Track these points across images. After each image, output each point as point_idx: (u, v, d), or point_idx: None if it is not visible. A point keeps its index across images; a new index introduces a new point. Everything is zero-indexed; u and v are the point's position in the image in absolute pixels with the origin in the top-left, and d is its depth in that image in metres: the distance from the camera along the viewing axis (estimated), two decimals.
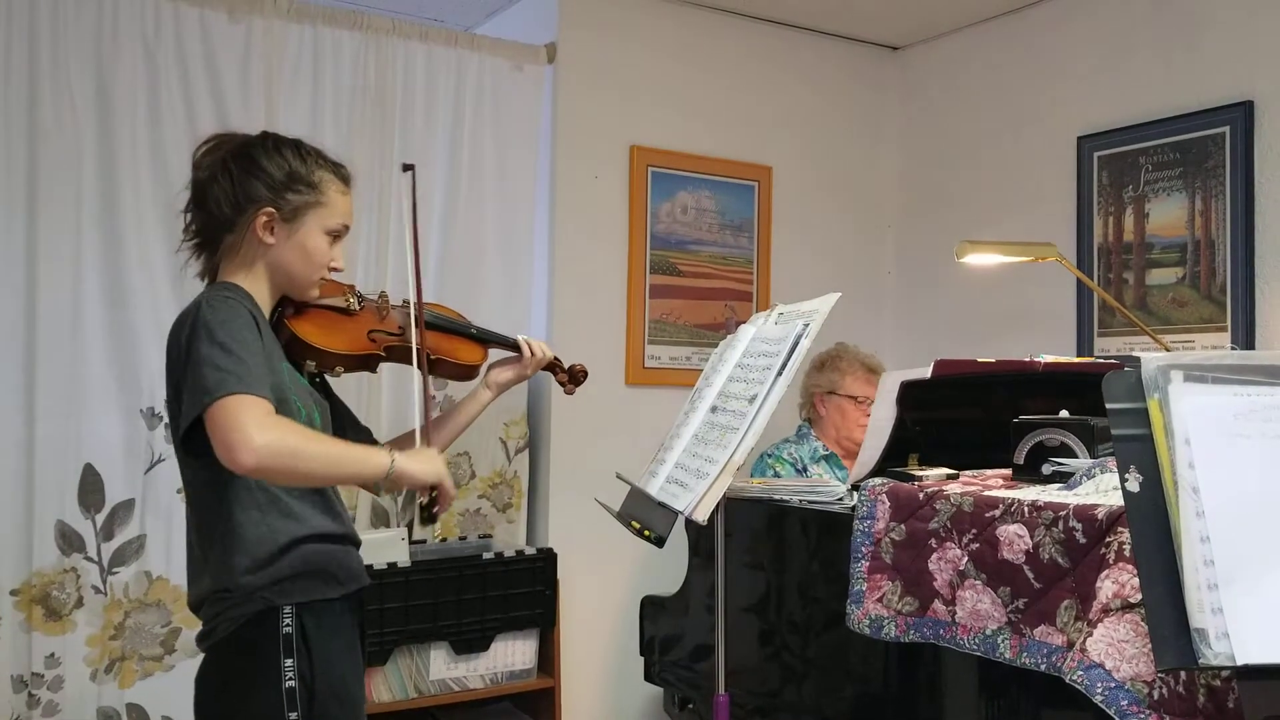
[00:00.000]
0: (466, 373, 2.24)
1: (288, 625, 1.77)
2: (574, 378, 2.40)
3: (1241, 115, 3.19)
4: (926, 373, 2.26)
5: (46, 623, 2.85)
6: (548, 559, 3.37)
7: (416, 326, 2.05)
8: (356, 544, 1.96)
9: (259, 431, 1.62)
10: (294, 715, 1.75)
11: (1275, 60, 3.15)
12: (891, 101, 4.38)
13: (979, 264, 3.26)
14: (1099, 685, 1.50)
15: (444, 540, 3.50)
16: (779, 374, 1.91)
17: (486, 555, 3.27)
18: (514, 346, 2.29)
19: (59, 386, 2.88)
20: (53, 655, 2.86)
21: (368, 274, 3.34)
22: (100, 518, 2.92)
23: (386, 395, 3.34)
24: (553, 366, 2.35)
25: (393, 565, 3.10)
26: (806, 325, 1.94)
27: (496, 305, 3.55)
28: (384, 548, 3.17)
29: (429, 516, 1.94)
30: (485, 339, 2.28)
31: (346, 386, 3.12)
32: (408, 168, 2.13)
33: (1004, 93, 3.95)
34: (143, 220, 2.98)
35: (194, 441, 1.72)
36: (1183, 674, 1.47)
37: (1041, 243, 3.22)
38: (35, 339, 2.86)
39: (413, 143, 3.43)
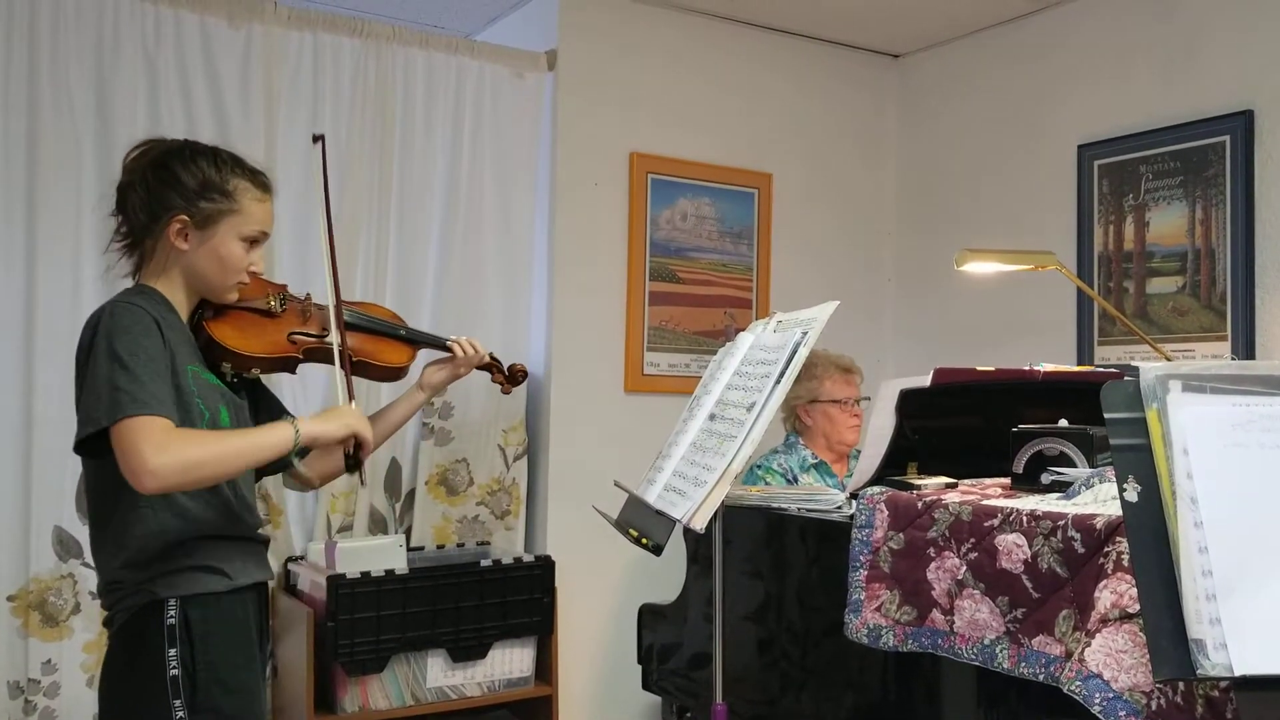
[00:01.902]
0: (391, 374, 2.27)
1: (171, 617, 1.84)
2: (513, 378, 2.43)
3: (1241, 124, 3.19)
4: (925, 381, 2.25)
5: (43, 629, 2.85)
6: (546, 566, 3.36)
7: (336, 324, 2.08)
8: (259, 541, 2.04)
9: (155, 453, 1.71)
10: (178, 702, 1.83)
11: (1275, 70, 3.15)
12: (891, 109, 4.39)
13: (979, 272, 3.25)
14: (1097, 695, 1.49)
15: (442, 547, 3.49)
16: (777, 382, 1.91)
17: (484, 562, 3.27)
18: (444, 347, 2.32)
19: (57, 393, 2.87)
20: (49, 661, 2.86)
21: (367, 277, 3.35)
22: None
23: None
24: (489, 367, 2.37)
25: (390, 572, 3.09)
26: (805, 333, 1.94)
27: (496, 311, 3.56)
28: (381, 554, 3.17)
29: (353, 464, 2.02)
30: (415, 340, 2.31)
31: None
32: (317, 138, 2.18)
33: (1004, 101, 3.95)
34: None
35: (86, 446, 1.79)
36: (1180, 684, 1.46)
37: (1041, 251, 3.21)
38: (34, 345, 2.87)
39: (413, 149, 3.44)
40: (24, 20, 2.87)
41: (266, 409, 2.14)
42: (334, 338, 2.09)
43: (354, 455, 2.01)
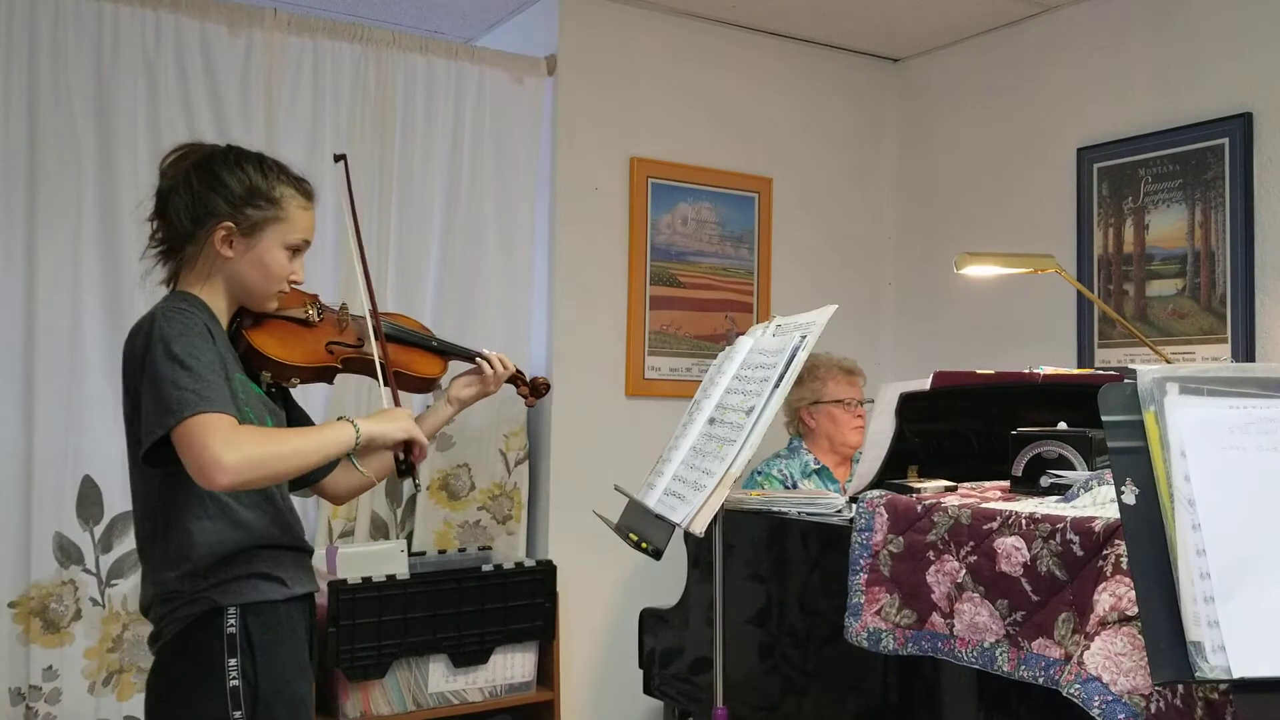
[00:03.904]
0: (424, 386, 2.25)
1: (231, 626, 1.81)
2: (536, 390, 2.41)
3: (1240, 127, 3.19)
4: (926, 384, 2.26)
5: (44, 635, 2.85)
6: (547, 571, 3.36)
7: (375, 335, 2.06)
8: (308, 552, 2.01)
9: (227, 449, 1.67)
10: (238, 714, 1.79)
11: (1273, 72, 3.16)
12: (891, 113, 4.39)
13: (978, 275, 3.25)
14: (1096, 698, 1.49)
15: (443, 552, 3.49)
16: (776, 386, 1.91)
17: (486, 567, 3.27)
18: (474, 360, 2.29)
19: (58, 399, 2.88)
20: (50, 668, 2.86)
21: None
22: (99, 530, 2.92)
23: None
24: (514, 379, 2.35)
25: (391, 577, 3.09)
26: (804, 337, 1.94)
27: (497, 316, 3.56)
28: (383, 560, 3.17)
29: (406, 469, 1.97)
30: (445, 352, 2.28)
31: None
32: (339, 158, 2.15)
33: (1004, 104, 3.95)
34: (142, 234, 2.96)
35: (151, 456, 1.75)
36: (1180, 687, 1.46)
37: (1041, 254, 3.21)
38: (34, 351, 2.87)
39: (413, 154, 3.44)
40: (24, 26, 2.87)
41: (294, 423, 2.08)
42: (375, 350, 2.06)
43: (406, 459, 1.97)
